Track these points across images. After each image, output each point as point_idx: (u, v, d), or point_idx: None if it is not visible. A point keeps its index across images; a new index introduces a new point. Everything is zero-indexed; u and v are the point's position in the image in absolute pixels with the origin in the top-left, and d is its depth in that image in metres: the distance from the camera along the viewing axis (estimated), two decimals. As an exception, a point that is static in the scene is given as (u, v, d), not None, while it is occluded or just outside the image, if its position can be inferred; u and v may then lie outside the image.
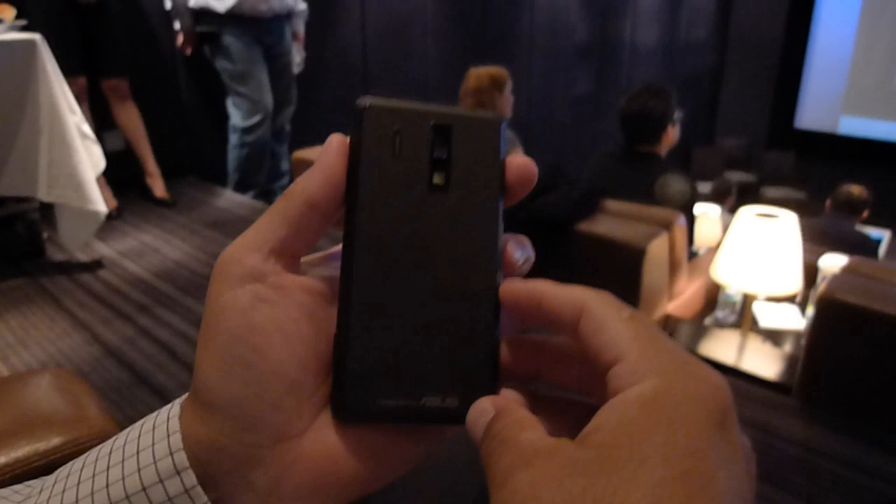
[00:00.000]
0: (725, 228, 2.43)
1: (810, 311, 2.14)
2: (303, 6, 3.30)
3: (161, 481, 0.25)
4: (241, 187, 3.35)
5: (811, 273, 2.28)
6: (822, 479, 1.49)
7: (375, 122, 0.27)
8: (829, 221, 3.40)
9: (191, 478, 0.25)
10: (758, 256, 2.05)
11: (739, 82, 7.83)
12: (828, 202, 3.51)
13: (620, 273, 2.07)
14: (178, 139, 3.53)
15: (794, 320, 2.42)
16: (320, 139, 0.31)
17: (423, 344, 0.27)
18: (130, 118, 2.97)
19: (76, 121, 2.04)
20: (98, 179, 2.11)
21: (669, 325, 2.29)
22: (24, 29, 2.04)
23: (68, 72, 2.14)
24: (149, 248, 2.64)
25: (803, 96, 7.67)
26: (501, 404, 0.26)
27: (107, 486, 0.25)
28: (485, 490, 0.23)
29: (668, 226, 2.18)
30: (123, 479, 0.25)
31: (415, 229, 0.27)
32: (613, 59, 6.24)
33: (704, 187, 5.56)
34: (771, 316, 2.44)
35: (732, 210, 3.73)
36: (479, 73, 2.80)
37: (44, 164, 1.96)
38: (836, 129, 7.53)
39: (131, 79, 2.93)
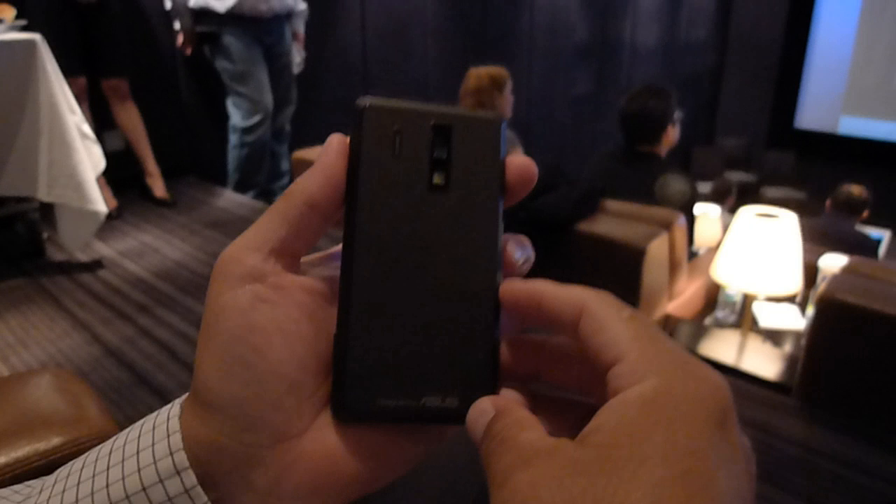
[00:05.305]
0: (725, 228, 2.43)
1: (810, 311, 2.14)
2: (303, 6, 3.30)
3: (161, 481, 0.25)
4: (241, 187, 3.35)
5: (811, 273, 2.28)
6: (822, 479, 1.49)
7: (375, 122, 0.27)
8: (829, 221, 3.40)
9: (191, 478, 0.25)
10: (758, 256, 2.05)
11: (739, 82, 7.83)
12: (828, 202, 3.51)
13: (620, 273, 2.07)
14: (178, 139, 3.52)
15: (794, 320, 2.42)
16: (320, 139, 0.31)
17: (423, 344, 0.27)
18: (130, 118, 2.97)
19: (76, 121, 2.04)
20: (98, 179, 2.11)
21: (669, 325, 2.29)
22: (24, 29, 2.04)
23: (68, 72, 2.14)
24: (149, 248, 2.63)
25: (803, 96, 7.66)
26: (501, 404, 0.26)
27: (107, 486, 0.25)
28: (485, 490, 0.23)
29: (668, 226, 2.18)
30: (123, 479, 0.25)
31: (415, 229, 0.27)
32: (613, 59, 6.23)
33: (704, 187, 5.56)
34: (771, 316, 2.44)
35: (732, 210, 3.73)
36: (479, 73, 2.79)
37: (44, 164, 1.96)
38: (836, 129, 7.53)
39: (131, 79, 2.93)
